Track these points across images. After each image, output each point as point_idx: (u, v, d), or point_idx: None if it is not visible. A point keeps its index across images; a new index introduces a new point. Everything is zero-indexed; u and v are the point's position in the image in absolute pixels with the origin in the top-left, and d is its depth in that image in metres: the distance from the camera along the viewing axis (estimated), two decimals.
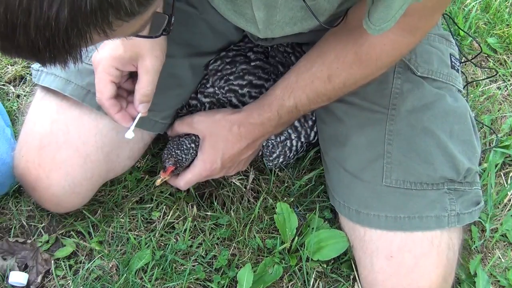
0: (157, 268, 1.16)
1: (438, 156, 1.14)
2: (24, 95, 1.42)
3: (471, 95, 1.50)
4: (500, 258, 1.27)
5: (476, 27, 1.66)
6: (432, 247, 1.09)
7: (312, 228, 1.21)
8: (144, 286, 1.14)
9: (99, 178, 1.16)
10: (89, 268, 1.16)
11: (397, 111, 1.16)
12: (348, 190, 1.17)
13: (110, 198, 1.25)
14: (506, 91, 1.56)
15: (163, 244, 1.21)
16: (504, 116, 1.49)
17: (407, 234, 1.10)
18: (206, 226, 1.23)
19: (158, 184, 1.19)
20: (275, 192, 1.28)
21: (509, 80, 1.58)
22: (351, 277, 1.19)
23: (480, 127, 1.44)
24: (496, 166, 1.38)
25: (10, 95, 1.42)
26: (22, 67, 1.45)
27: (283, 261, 1.19)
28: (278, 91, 1.12)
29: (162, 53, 1.04)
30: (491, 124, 1.47)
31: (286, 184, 1.30)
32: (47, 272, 1.16)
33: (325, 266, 1.20)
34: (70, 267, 1.17)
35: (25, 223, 1.22)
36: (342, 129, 1.19)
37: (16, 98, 1.41)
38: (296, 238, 1.20)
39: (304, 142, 1.26)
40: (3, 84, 1.44)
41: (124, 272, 1.15)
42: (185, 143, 1.17)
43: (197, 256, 1.19)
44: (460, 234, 1.16)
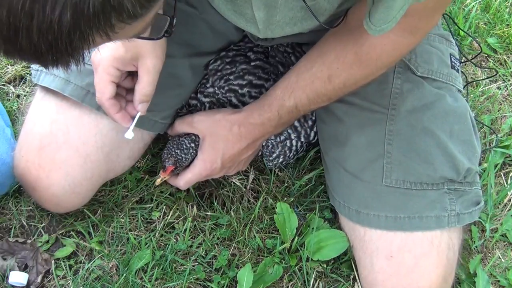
0: (157, 268, 1.16)
1: (438, 156, 1.14)
2: (24, 95, 1.42)
3: (471, 95, 1.50)
4: (500, 258, 1.27)
5: (476, 27, 1.66)
6: (432, 247, 1.09)
7: (312, 228, 1.21)
8: (144, 286, 1.14)
9: (99, 178, 1.16)
10: (89, 268, 1.16)
11: (397, 111, 1.16)
12: (348, 190, 1.17)
13: (110, 198, 1.24)
14: (506, 91, 1.56)
15: (163, 244, 1.21)
16: (504, 116, 1.49)
17: (407, 234, 1.10)
18: (206, 226, 1.23)
19: (158, 184, 1.19)
20: (275, 192, 1.28)
21: (509, 80, 1.58)
22: (351, 277, 1.19)
23: (480, 127, 1.44)
24: (496, 166, 1.38)
25: (10, 95, 1.42)
26: (22, 67, 1.45)
27: (283, 261, 1.19)
28: (278, 91, 1.12)
29: (162, 53, 1.04)
30: (491, 124, 1.46)
31: (286, 184, 1.30)
32: (47, 272, 1.16)
33: (325, 266, 1.20)
34: (70, 267, 1.17)
35: (25, 223, 1.22)
36: (342, 129, 1.19)
37: (16, 98, 1.41)
38: (296, 238, 1.20)
39: (304, 142, 1.26)
40: (3, 84, 1.44)
41: (124, 272, 1.15)
42: (185, 143, 1.17)
43: (197, 256, 1.19)
44: (460, 234, 1.16)
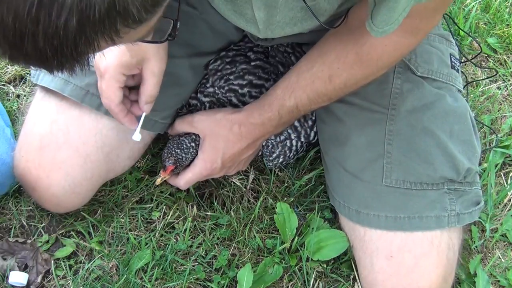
0: (157, 268, 1.16)
1: (438, 156, 1.14)
2: (24, 95, 1.42)
3: (471, 95, 1.50)
4: (500, 258, 1.27)
5: (476, 27, 1.66)
6: (432, 247, 1.09)
7: (312, 228, 1.21)
8: (144, 286, 1.14)
9: (99, 178, 1.16)
10: (89, 268, 1.16)
11: (397, 111, 1.16)
12: (348, 190, 1.17)
13: (110, 198, 1.24)
14: (506, 91, 1.56)
15: (163, 244, 1.21)
16: (504, 116, 1.49)
17: (407, 234, 1.10)
18: (206, 226, 1.23)
19: (158, 184, 1.19)
20: (275, 192, 1.28)
21: (509, 80, 1.58)
22: (351, 277, 1.19)
23: (480, 127, 1.44)
24: (496, 166, 1.38)
25: (10, 95, 1.42)
26: (22, 67, 1.45)
27: (283, 261, 1.19)
28: (278, 91, 1.12)
29: (165, 54, 1.05)
30: (491, 124, 1.46)
31: (286, 184, 1.30)
32: (47, 272, 1.16)
33: (325, 266, 1.20)
34: (70, 267, 1.17)
35: (25, 223, 1.22)
36: (342, 129, 1.19)
37: (16, 98, 1.41)
38: (296, 238, 1.20)
39: (304, 142, 1.26)
40: (3, 84, 1.44)
41: (124, 272, 1.15)
42: (185, 142, 1.17)
43: (197, 256, 1.19)
44: (460, 234, 1.16)
